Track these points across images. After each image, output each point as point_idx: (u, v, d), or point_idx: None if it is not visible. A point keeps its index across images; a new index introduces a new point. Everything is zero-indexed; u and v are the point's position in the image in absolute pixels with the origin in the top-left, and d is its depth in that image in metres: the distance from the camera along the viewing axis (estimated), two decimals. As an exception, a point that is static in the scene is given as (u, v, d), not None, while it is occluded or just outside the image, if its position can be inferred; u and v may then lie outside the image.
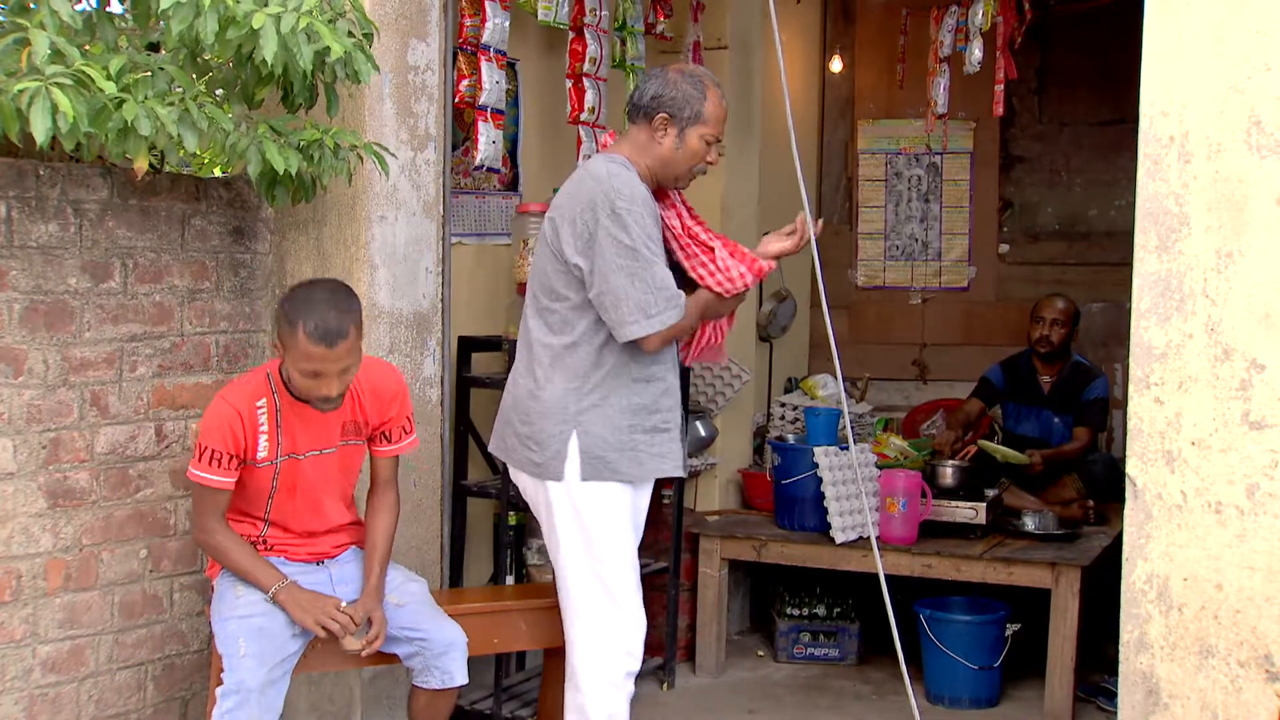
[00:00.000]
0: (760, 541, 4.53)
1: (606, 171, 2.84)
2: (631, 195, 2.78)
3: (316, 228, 3.43)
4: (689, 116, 2.90)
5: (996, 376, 5.15)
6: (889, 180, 6.14)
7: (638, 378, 2.90)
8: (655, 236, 2.81)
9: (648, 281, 2.76)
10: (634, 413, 2.89)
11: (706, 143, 2.92)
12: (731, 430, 5.08)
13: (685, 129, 2.90)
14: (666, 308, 2.80)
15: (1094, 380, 4.96)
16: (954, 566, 4.26)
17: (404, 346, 3.51)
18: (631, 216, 2.76)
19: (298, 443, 2.92)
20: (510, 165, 4.25)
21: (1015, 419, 5.09)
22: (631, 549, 2.95)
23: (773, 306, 5.48)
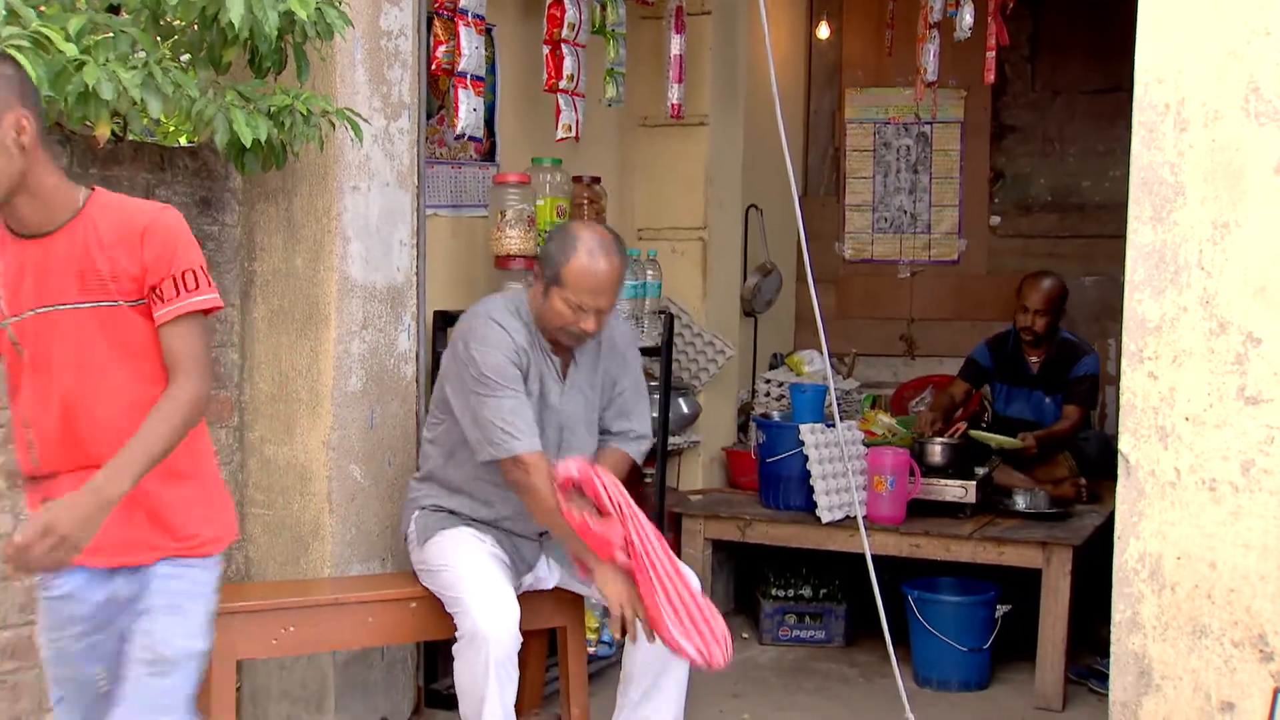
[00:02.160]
0: (745, 521, 4.54)
1: (475, 311, 3.06)
2: (485, 337, 2.96)
3: (286, 199, 3.41)
4: (549, 276, 3.00)
5: (983, 356, 5.14)
6: (877, 150, 6.13)
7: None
8: (508, 375, 2.95)
9: (491, 411, 2.95)
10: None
11: (570, 306, 2.97)
12: (715, 407, 5.09)
13: (549, 287, 3.00)
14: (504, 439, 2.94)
15: (1083, 357, 4.95)
16: (943, 546, 4.27)
17: (377, 321, 3.50)
18: (480, 355, 2.95)
19: (22, 296, 2.17)
20: (488, 134, 4.22)
21: (1005, 400, 5.09)
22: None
23: (757, 280, 5.47)
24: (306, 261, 3.40)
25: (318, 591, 3.23)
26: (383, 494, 3.53)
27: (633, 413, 3.28)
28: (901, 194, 6.11)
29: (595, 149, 4.66)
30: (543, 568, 3.26)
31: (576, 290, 2.98)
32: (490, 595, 2.98)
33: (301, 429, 3.41)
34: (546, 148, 4.27)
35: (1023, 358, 5.07)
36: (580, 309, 2.99)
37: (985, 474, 4.55)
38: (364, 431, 3.47)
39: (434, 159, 4.02)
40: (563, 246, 3.01)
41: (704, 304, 5.01)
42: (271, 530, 3.48)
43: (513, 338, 3.02)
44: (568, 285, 2.99)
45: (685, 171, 4.97)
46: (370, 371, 3.48)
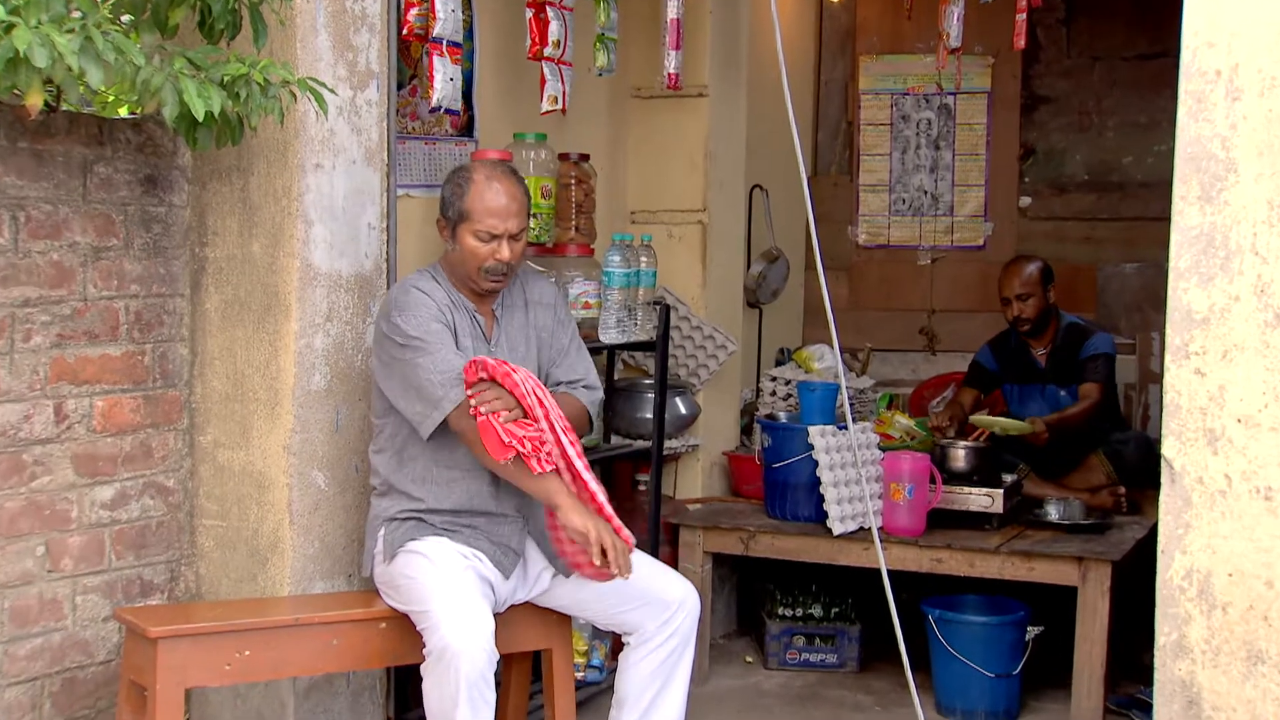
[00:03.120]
0: (748, 533, 4.54)
1: (397, 286, 3.27)
2: (405, 304, 3.14)
3: (242, 177, 3.40)
4: (454, 216, 3.24)
5: (986, 359, 5.18)
6: (895, 124, 6.12)
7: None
8: (433, 330, 3.12)
9: (427, 368, 3.08)
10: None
11: (481, 239, 3.19)
12: (715, 407, 5.08)
13: (456, 228, 3.24)
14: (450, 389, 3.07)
15: (1091, 337, 4.97)
16: (967, 561, 4.27)
17: (343, 313, 3.48)
18: (402, 319, 3.12)
19: None
20: (465, 106, 4.22)
21: (1018, 401, 5.11)
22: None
23: (762, 268, 5.47)
24: (264, 247, 3.38)
25: (276, 611, 3.22)
26: (349, 503, 3.52)
27: (578, 365, 3.42)
28: (921, 172, 6.10)
29: (584, 123, 4.65)
30: (534, 557, 3.27)
31: (483, 217, 3.19)
32: (460, 606, 2.99)
33: (259, 432, 3.40)
34: (530, 122, 4.25)
35: (1028, 353, 5.09)
36: (492, 236, 3.19)
37: (1014, 481, 4.56)
38: (328, 434, 3.46)
39: (406, 134, 4.01)
40: (457, 182, 3.25)
41: (703, 294, 5.00)
42: (225, 544, 3.46)
43: (432, 298, 3.20)
44: (473, 216, 3.20)
45: (683, 148, 4.96)
46: (335, 368, 3.47)
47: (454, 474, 3.23)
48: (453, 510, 3.22)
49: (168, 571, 3.44)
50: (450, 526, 3.21)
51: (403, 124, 3.97)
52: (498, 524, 3.24)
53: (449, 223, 3.26)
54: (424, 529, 3.21)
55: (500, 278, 3.25)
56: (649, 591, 3.27)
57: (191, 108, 2.80)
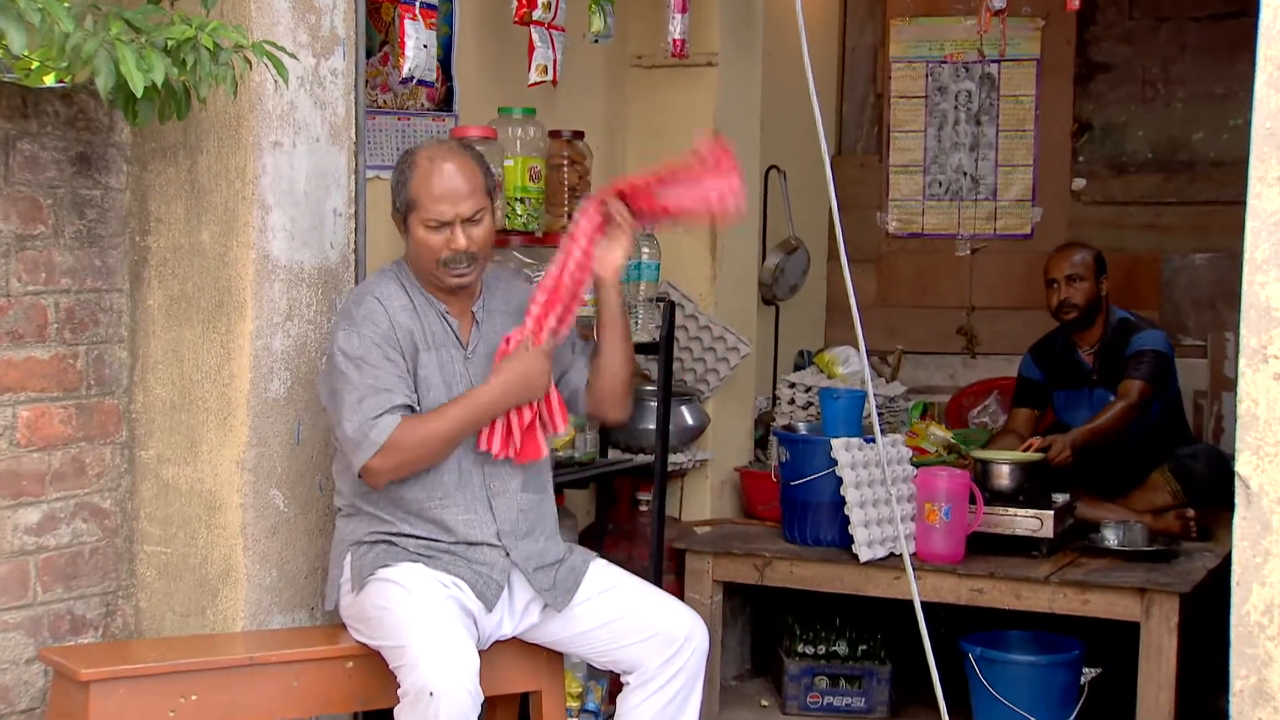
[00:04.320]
0: (763, 559, 4.53)
1: (353, 292, 3.34)
2: (354, 318, 3.19)
3: (189, 156, 3.39)
4: (402, 207, 3.25)
5: (1030, 369, 5.20)
6: (930, 97, 6.13)
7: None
8: (371, 355, 3.16)
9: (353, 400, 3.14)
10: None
11: (431, 228, 3.20)
12: (726, 417, 5.08)
13: (407, 220, 3.25)
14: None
15: (1139, 334, 4.96)
16: (1012, 592, 4.25)
17: (305, 311, 3.47)
18: (344, 338, 3.18)
19: None
20: (443, 77, 4.22)
21: (1065, 408, 5.11)
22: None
23: (779, 260, 5.48)
24: (215, 235, 3.37)
25: (228, 649, 3.21)
26: (312, 525, 3.51)
27: (584, 352, 3.45)
28: (960, 151, 6.10)
29: (578, 96, 4.65)
30: (521, 588, 3.27)
31: (430, 204, 3.19)
32: (440, 642, 2.99)
33: (209, 445, 3.39)
34: (517, 95, 4.25)
35: (1074, 353, 5.10)
36: (442, 224, 3.18)
37: (1066, 502, 4.55)
38: (288, 448, 3.45)
39: (376, 108, 4.01)
40: (401, 169, 3.26)
41: (713, 290, 5.01)
42: (169, 573, 3.45)
43: (387, 309, 3.21)
44: (420, 204, 3.20)
45: (689, 124, 4.94)
46: (297, 373, 3.46)
47: (427, 504, 3.23)
48: (423, 538, 3.22)
49: (103, 605, 3.42)
50: (426, 551, 3.20)
51: (372, 97, 3.96)
52: (477, 551, 3.23)
53: (398, 217, 3.27)
54: (396, 553, 3.20)
55: (464, 270, 3.22)
56: (651, 625, 3.26)
57: (130, 79, 2.78)
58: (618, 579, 3.34)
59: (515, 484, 3.28)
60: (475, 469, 3.24)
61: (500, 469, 3.26)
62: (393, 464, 3.12)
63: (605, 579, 3.33)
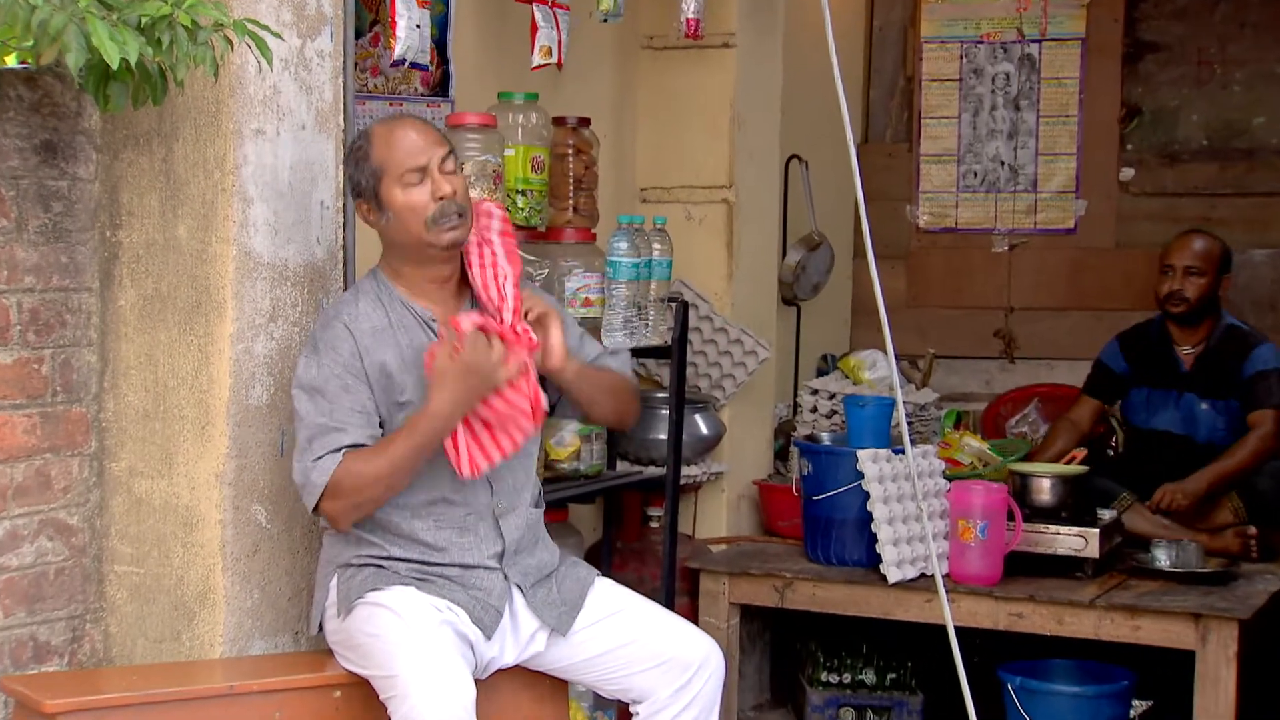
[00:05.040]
0: (784, 580, 4.54)
1: (325, 310, 3.36)
2: (322, 339, 3.22)
3: (164, 145, 3.38)
4: (369, 183, 3.24)
5: (1114, 357, 5.14)
6: (965, 80, 6.13)
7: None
8: (329, 388, 3.17)
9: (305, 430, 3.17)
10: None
11: (411, 183, 3.20)
12: (744, 426, 5.08)
13: (378, 195, 3.23)
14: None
15: (1255, 348, 4.92)
16: (1054, 617, 4.25)
17: (290, 312, 3.47)
18: (304, 362, 3.21)
19: None
20: (439, 60, 4.22)
21: (1146, 409, 5.07)
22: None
23: (801, 257, 5.48)
24: (192, 230, 3.36)
25: (206, 678, 3.20)
26: (297, 544, 3.50)
27: (589, 348, 3.45)
28: (998, 139, 6.09)
29: (584, 80, 4.65)
30: (525, 616, 3.27)
31: (403, 157, 3.19)
32: (434, 670, 2.98)
33: (185, 457, 3.38)
34: (518, 79, 4.25)
35: (1170, 349, 5.05)
36: (423, 174, 3.19)
37: (1113, 518, 4.55)
38: (271, 460, 3.44)
39: (366, 93, 4.02)
40: (356, 149, 3.28)
41: (729, 288, 5.02)
42: (142, 595, 3.43)
43: (354, 334, 3.20)
44: (391, 163, 3.20)
45: (705, 111, 4.97)
46: (280, 379, 3.45)
47: (418, 525, 3.22)
48: (420, 560, 3.21)
49: (69, 630, 3.41)
50: (419, 574, 3.20)
51: (362, 81, 3.98)
52: (473, 575, 3.23)
53: (369, 198, 3.23)
54: (387, 576, 3.20)
55: (455, 223, 3.20)
56: (663, 651, 3.25)
57: (104, 55, 2.77)
58: (626, 601, 3.33)
59: (526, 498, 3.28)
60: (482, 485, 3.23)
61: (509, 483, 3.26)
62: (342, 507, 3.12)
63: (613, 601, 3.31)
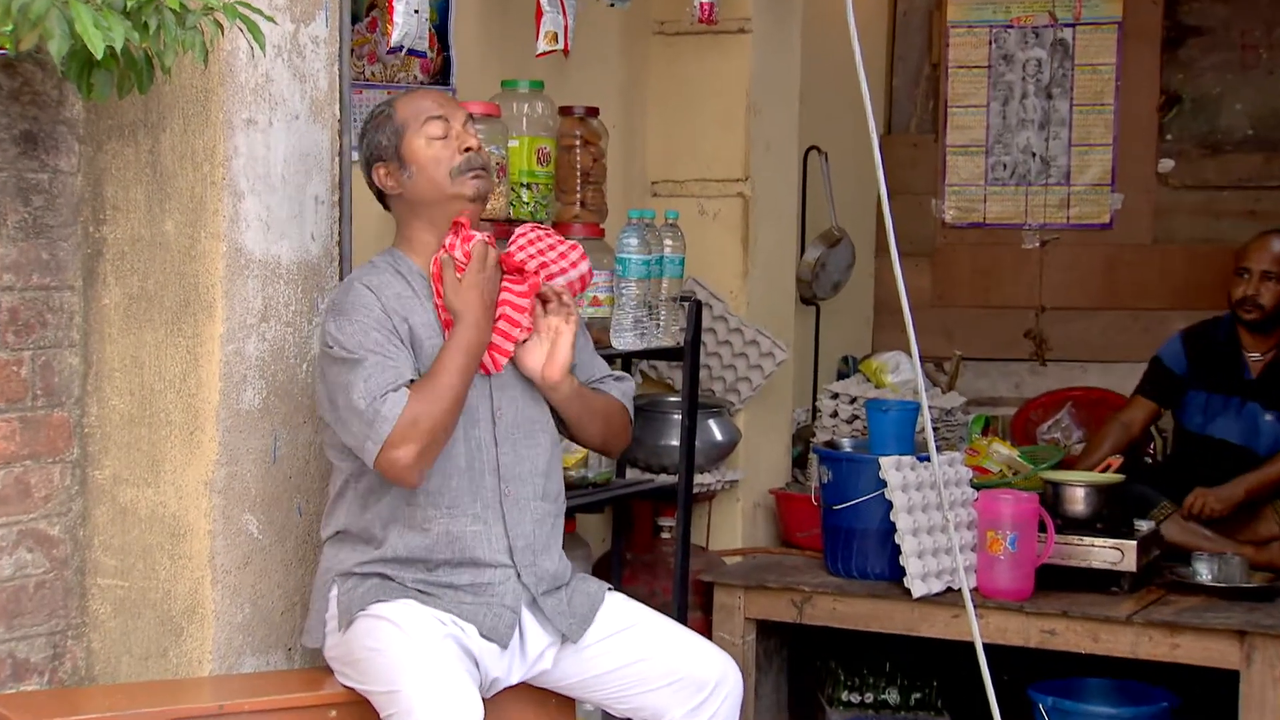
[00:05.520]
0: (803, 594, 4.55)
1: (341, 285, 3.39)
2: (345, 306, 3.24)
3: (150, 135, 3.38)
4: (390, 140, 3.32)
5: (1174, 356, 5.12)
6: (994, 67, 6.12)
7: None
8: (369, 340, 3.20)
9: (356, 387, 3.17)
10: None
11: (434, 136, 3.31)
12: (760, 432, 5.08)
13: (399, 152, 3.31)
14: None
15: None
16: (1089, 634, 4.25)
17: (283, 312, 3.47)
18: (335, 327, 3.22)
19: None
20: (439, 46, 4.23)
21: (1204, 415, 5.06)
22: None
23: (820, 254, 5.48)
24: (180, 225, 3.36)
25: (194, 697, 3.20)
26: (289, 555, 3.50)
27: (594, 362, 3.50)
28: (1028, 129, 6.09)
29: (592, 68, 4.65)
30: (534, 628, 3.27)
31: (422, 114, 3.30)
32: (439, 687, 2.99)
33: (173, 464, 3.38)
34: (522, 66, 4.25)
35: (1237, 353, 5.04)
36: (446, 128, 3.29)
37: (1151, 530, 4.54)
38: (263, 467, 3.44)
39: (363, 81, 4.01)
40: (378, 114, 3.36)
41: (745, 287, 5.01)
42: (127, 609, 3.43)
43: (380, 297, 3.23)
44: (410, 121, 3.30)
45: (719, 100, 4.97)
46: (273, 382, 3.46)
47: (431, 513, 3.23)
48: (426, 559, 3.21)
49: (49, 647, 3.41)
50: (426, 588, 3.20)
51: (359, 68, 3.97)
52: (485, 574, 3.23)
53: (390, 157, 3.30)
54: (391, 589, 3.20)
55: (482, 171, 3.29)
56: (677, 668, 3.26)
57: (87, 42, 2.77)
58: (638, 615, 3.33)
59: (530, 490, 3.28)
60: (490, 472, 3.24)
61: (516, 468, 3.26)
62: (415, 442, 3.09)
63: (624, 615, 3.32)
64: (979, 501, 4.40)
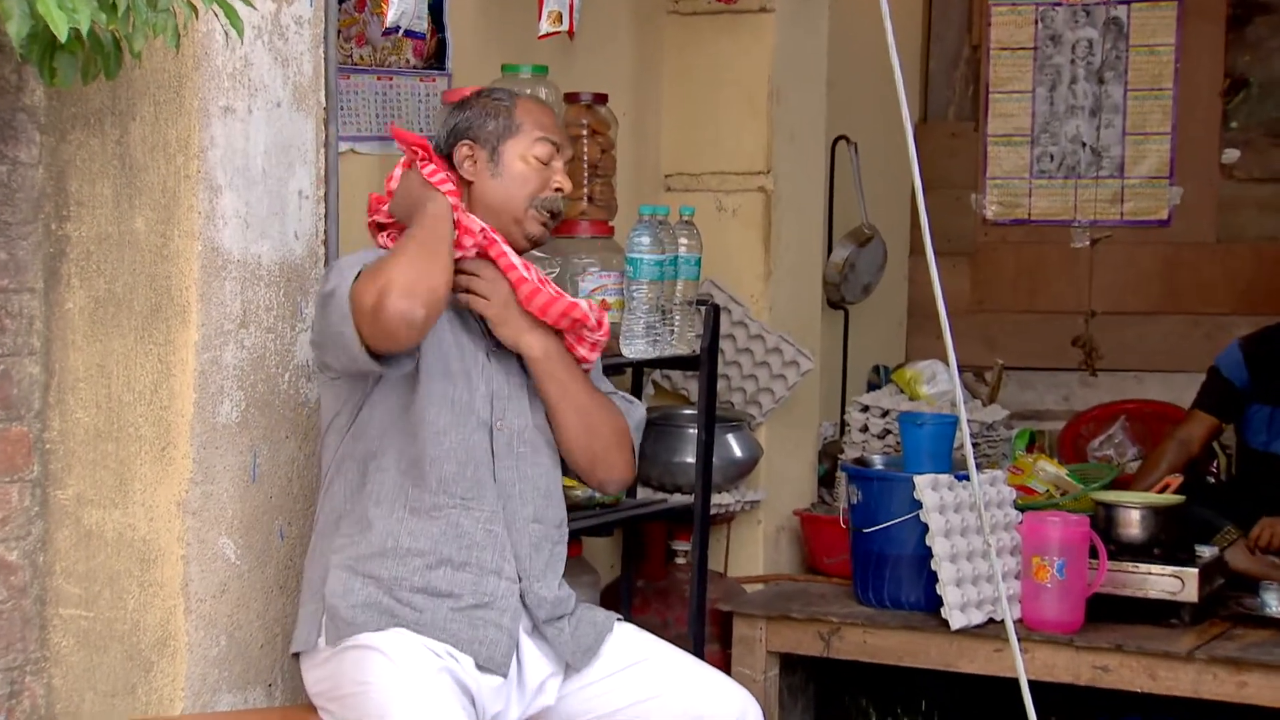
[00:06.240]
0: (830, 626, 4.56)
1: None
2: (340, 265, 3.24)
3: (119, 124, 3.39)
4: (498, 129, 3.33)
5: (1233, 367, 5.14)
6: (1040, 48, 6.14)
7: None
8: (354, 262, 3.21)
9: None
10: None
11: (538, 160, 3.32)
12: (784, 448, 5.11)
13: (498, 148, 3.32)
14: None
15: None
16: (1146, 671, 4.26)
17: (264, 316, 3.48)
18: (330, 271, 3.24)
19: None
20: (434, 27, 4.24)
21: (1268, 431, 5.08)
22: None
23: (849, 253, 5.49)
24: (151, 223, 3.37)
25: (165, 738, 3.20)
26: (270, 582, 3.50)
27: (600, 379, 3.49)
28: (1078, 117, 6.10)
29: (600, 52, 4.67)
30: (534, 658, 3.27)
31: (544, 130, 3.32)
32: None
33: (143, 483, 3.38)
34: (524, 49, 4.27)
35: None
36: (551, 156, 3.31)
37: (1214, 556, 4.54)
38: (242, 486, 3.45)
39: (352, 65, 4.03)
40: (496, 99, 3.36)
41: (767, 290, 5.03)
42: (92, 642, 3.44)
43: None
44: (528, 129, 3.32)
45: (739, 86, 4.99)
46: (253, 393, 3.46)
47: (443, 500, 3.20)
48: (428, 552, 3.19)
49: (6, 683, 3.40)
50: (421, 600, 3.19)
51: (347, 52, 3.99)
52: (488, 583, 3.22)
53: (487, 146, 3.31)
54: (383, 614, 3.18)
55: (551, 220, 3.33)
56: (692, 706, 3.25)
57: (50, 23, 2.76)
58: (650, 649, 3.33)
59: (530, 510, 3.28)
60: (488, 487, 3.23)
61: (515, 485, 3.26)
62: (408, 289, 3.04)
63: (634, 648, 3.31)
64: (1024, 524, 4.40)
